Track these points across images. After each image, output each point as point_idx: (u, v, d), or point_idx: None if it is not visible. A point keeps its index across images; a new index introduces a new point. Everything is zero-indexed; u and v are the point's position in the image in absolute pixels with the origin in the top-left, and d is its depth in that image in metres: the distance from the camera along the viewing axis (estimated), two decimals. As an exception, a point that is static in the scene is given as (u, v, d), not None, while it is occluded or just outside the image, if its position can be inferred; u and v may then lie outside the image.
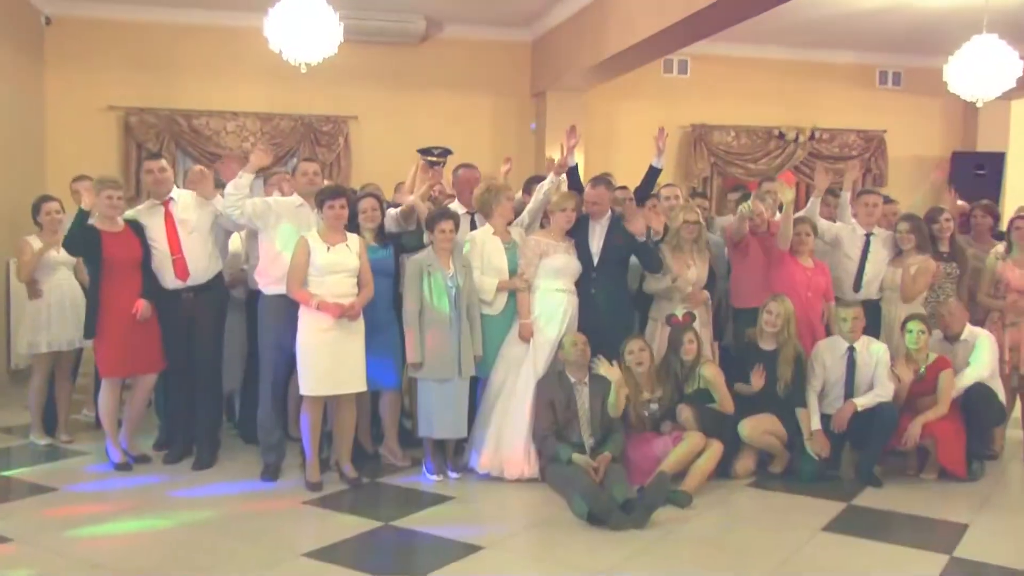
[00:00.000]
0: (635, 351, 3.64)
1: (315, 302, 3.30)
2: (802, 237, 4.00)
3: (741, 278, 4.15)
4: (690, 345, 3.66)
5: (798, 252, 4.01)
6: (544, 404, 3.53)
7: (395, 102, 6.81)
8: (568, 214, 3.75)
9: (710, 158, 7.40)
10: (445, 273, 3.56)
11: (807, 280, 3.99)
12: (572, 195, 3.84)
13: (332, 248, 3.38)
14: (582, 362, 3.57)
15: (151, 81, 6.35)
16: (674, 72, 7.42)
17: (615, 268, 3.83)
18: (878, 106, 7.68)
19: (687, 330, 3.69)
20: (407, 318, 3.51)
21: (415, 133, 6.28)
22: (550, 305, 3.69)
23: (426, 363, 3.50)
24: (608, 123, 7.30)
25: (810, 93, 7.55)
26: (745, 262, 4.12)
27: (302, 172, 3.68)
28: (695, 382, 3.67)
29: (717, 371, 3.69)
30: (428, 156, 4.10)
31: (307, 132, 6.61)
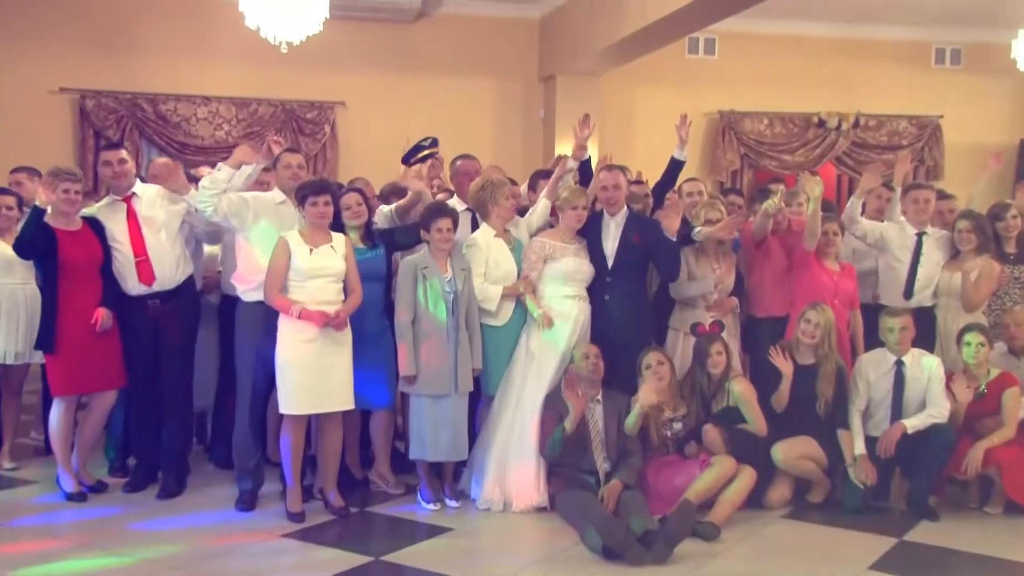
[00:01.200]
0: (654, 364, 3.67)
1: (296, 310, 3.34)
2: (829, 237, 4.02)
3: (761, 283, 4.19)
4: (718, 357, 3.69)
5: (824, 254, 4.04)
6: (553, 418, 3.56)
7: (387, 87, 6.90)
8: (579, 212, 3.79)
9: (740, 149, 7.46)
10: (442, 277, 3.59)
11: (833, 285, 4.01)
12: (584, 191, 3.90)
13: (315, 250, 3.42)
14: (595, 377, 3.60)
15: (110, 60, 6.35)
16: (699, 52, 7.49)
17: (632, 271, 3.88)
18: (933, 88, 7.67)
19: (715, 341, 3.72)
20: (399, 327, 3.56)
21: (409, 121, 6.37)
22: (558, 315, 3.73)
23: (420, 377, 3.54)
24: (625, 111, 7.37)
25: (854, 74, 7.57)
26: (765, 265, 4.16)
27: (284, 164, 3.72)
28: (724, 399, 3.71)
29: (749, 387, 3.72)
30: (419, 154, 4.12)
31: (289, 120, 6.70)
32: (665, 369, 3.66)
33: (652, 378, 3.61)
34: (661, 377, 3.63)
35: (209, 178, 3.54)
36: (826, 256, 4.04)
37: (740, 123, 7.45)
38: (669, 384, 3.67)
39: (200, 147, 6.50)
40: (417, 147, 4.16)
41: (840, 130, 7.51)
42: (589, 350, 3.64)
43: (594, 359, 3.60)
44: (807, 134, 7.55)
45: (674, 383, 3.72)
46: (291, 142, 6.50)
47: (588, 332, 3.80)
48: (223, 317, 4.11)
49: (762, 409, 3.69)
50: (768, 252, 4.14)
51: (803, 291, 3.96)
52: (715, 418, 3.69)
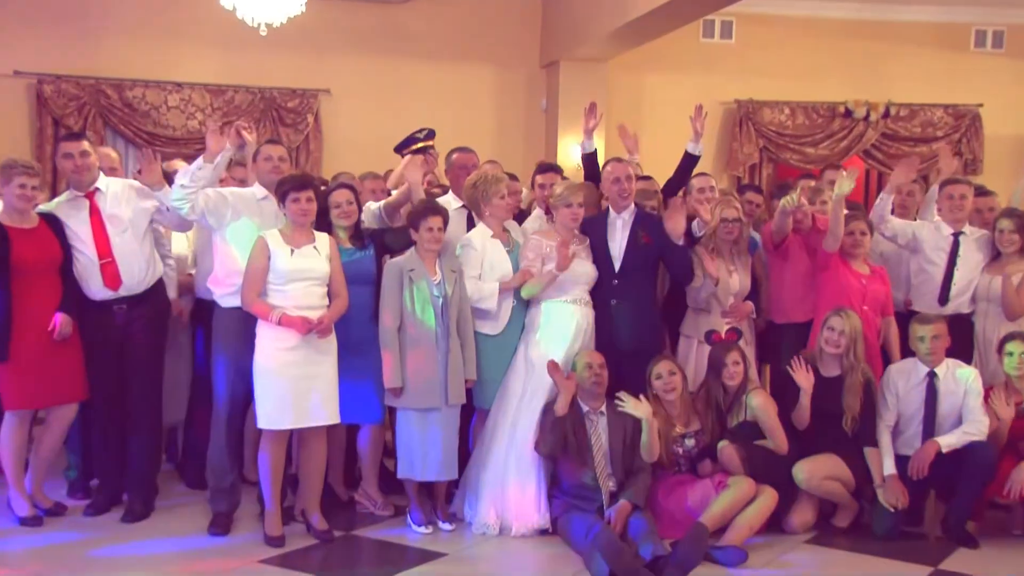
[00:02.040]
0: (664, 375, 3.70)
1: (276, 316, 3.36)
2: (856, 237, 4.04)
3: (781, 287, 4.22)
4: (735, 368, 3.72)
5: (851, 255, 4.07)
6: (552, 422, 3.58)
7: (376, 73, 6.91)
8: (574, 211, 3.80)
9: (759, 141, 7.46)
10: (430, 280, 3.62)
11: (862, 289, 4.03)
12: (580, 186, 3.92)
13: (297, 250, 3.45)
14: (598, 389, 3.64)
15: (71, 42, 6.32)
16: (715, 36, 7.50)
17: (640, 274, 3.92)
18: (972, 74, 7.61)
19: (731, 349, 3.75)
20: (383, 335, 3.58)
21: (400, 111, 6.39)
22: (559, 320, 3.77)
23: (407, 389, 3.57)
24: (634, 100, 7.38)
25: (884, 59, 7.54)
26: (786, 267, 4.19)
27: (265, 157, 3.74)
28: (740, 413, 3.73)
29: (768, 400, 3.74)
30: (413, 146, 4.15)
31: (268, 109, 6.70)
32: (676, 380, 3.69)
33: (660, 391, 3.62)
34: (672, 388, 3.65)
35: (186, 174, 3.54)
36: (854, 257, 4.07)
37: (759, 113, 7.45)
38: (681, 397, 3.70)
39: (171, 138, 6.50)
40: (411, 138, 4.18)
41: (869, 120, 7.46)
42: (592, 359, 3.66)
43: (598, 369, 3.63)
44: (832, 125, 7.53)
45: (686, 396, 3.75)
46: (271, 133, 6.51)
47: (592, 340, 3.83)
48: (196, 324, 4.16)
49: (783, 424, 3.72)
50: (788, 253, 4.17)
51: (827, 296, 3.99)
52: (731, 434, 3.72)
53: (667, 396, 3.68)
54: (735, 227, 3.99)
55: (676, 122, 7.25)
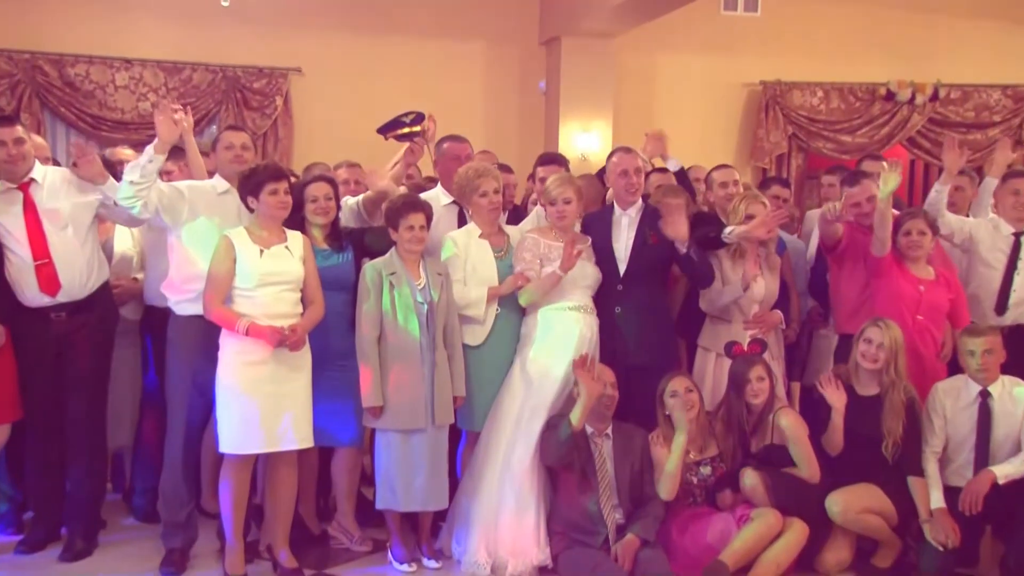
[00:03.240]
0: (680, 392, 3.72)
1: (243, 325, 3.38)
2: (913, 237, 4.04)
3: (837, 294, 4.25)
4: (759, 384, 3.75)
5: (908, 258, 4.09)
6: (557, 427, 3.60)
7: (353, 51, 6.95)
8: (559, 208, 3.81)
9: (787, 128, 7.53)
10: (413, 284, 3.65)
11: (917, 297, 4.04)
12: (571, 179, 3.95)
13: (267, 251, 3.48)
14: (607, 412, 3.68)
15: (2, 9, 6.30)
16: (738, 9, 7.56)
17: (649, 277, 3.96)
18: (1034, 50, 7.67)
19: (755, 363, 3.78)
20: (361, 346, 3.61)
21: (380, 93, 6.44)
22: (559, 330, 3.80)
23: (388, 408, 3.60)
24: (645, 81, 7.45)
25: (932, 35, 7.59)
26: (840, 272, 4.22)
27: (226, 145, 3.77)
28: (767, 435, 3.77)
29: (799, 421, 3.77)
30: (399, 130, 4.18)
31: (231, 89, 6.74)
32: (694, 398, 3.72)
33: (680, 403, 3.67)
34: (689, 407, 3.68)
35: (136, 168, 3.51)
36: (912, 261, 4.06)
37: (788, 96, 7.52)
38: (697, 418, 3.73)
39: (119, 122, 6.53)
40: (397, 121, 4.20)
41: (914, 104, 7.52)
42: (604, 372, 3.69)
43: (609, 389, 3.67)
44: (872, 109, 7.60)
45: (703, 418, 3.78)
46: (235, 118, 6.54)
47: (597, 351, 3.87)
48: (146, 334, 4.17)
49: (814, 450, 3.74)
50: (844, 257, 4.18)
51: (878, 305, 4.01)
52: (756, 459, 3.76)
53: (683, 414, 3.70)
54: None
55: (692, 107, 7.39)
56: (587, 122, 6.94)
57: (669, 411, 3.73)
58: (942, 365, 4.06)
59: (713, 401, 3.95)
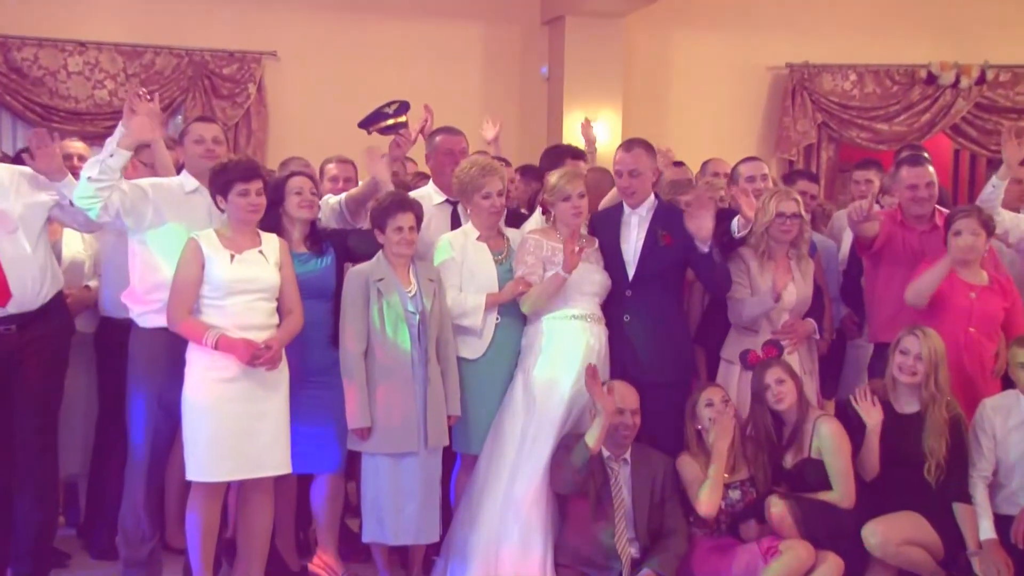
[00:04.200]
0: (716, 403, 3.74)
1: (212, 338, 3.39)
2: (965, 238, 4.00)
3: (873, 298, 4.25)
4: (780, 387, 3.74)
5: (959, 262, 4.06)
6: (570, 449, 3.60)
7: (335, 33, 6.94)
8: (574, 204, 3.82)
9: (816, 116, 7.51)
10: (403, 292, 3.66)
11: (968, 306, 4.03)
12: (579, 174, 3.97)
13: (239, 256, 3.48)
14: (624, 440, 3.68)
15: None
16: (763, -16, 7.56)
17: (660, 283, 3.95)
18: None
19: (771, 366, 3.78)
20: (346, 361, 3.62)
21: (365, 80, 6.45)
22: (564, 341, 3.81)
23: (376, 429, 3.60)
24: (657, 64, 7.44)
25: (979, 10, 7.52)
26: (878, 273, 4.22)
27: (195, 139, 3.77)
28: (803, 447, 3.74)
29: (841, 432, 3.75)
30: (382, 123, 4.18)
31: (198, 76, 6.72)
32: (730, 411, 3.74)
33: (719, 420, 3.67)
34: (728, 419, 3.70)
35: (96, 164, 3.51)
36: (963, 265, 4.05)
37: (817, 80, 7.50)
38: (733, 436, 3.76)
39: (72, 112, 6.51)
40: (379, 113, 4.21)
41: (958, 88, 7.47)
42: (625, 399, 3.66)
43: (629, 416, 3.66)
44: (911, 94, 7.57)
45: (736, 435, 3.80)
46: (203, 108, 6.52)
47: (607, 365, 3.88)
48: (103, 349, 4.16)
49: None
50: (883, 255, 4.18)
51: (924, 316, 3.99)
52: (788, 478, 3.75)
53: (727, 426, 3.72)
54: (794, 224, 3.99)
55: (711, 94, 7.38)
56: (594, 111, 6.91)
57: (702, 424, 3.74)
58: (996, 381, 4.04)
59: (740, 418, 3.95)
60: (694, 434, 3.79)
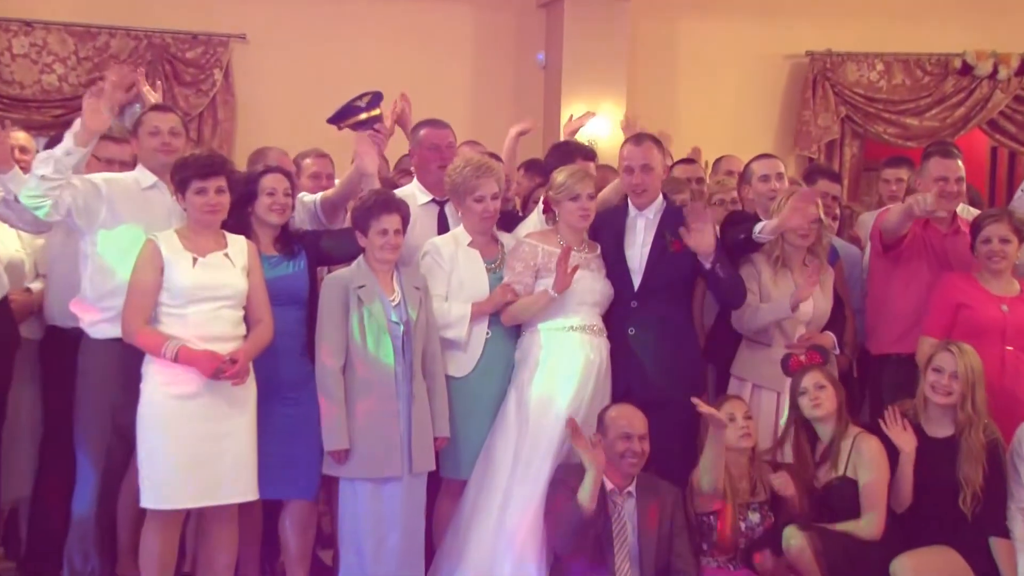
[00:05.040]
0: (738, 418, 3.76)
1: (171, 350, 3.39)
2: (994, 246, 4.05)
3: (886, 301, 4.27)
4: (819, 392, 3.76)
5: (991, 271, 4.10)
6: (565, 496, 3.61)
7: (311, 14, 6.93)
8: (583, 205, 3.85)
9: (840, 109, 7.53)
10: (386, 301, 3.67)
11: (1001, 320, 4.06)
12: (588, 172, 3.98)
13: (202, 259, 3.49)
14: (632, 470, 3.68)
15: None
16: (781, -38, 7.57)
17: (668, 293, 3.97)
18: None
19: (810, 370, 3.78)
20: (322, 377, 3.63)
21: (344, 66, 6.45)
22: (562, 355, 3.81)
23: (356, 452, 3.60)
24: (665, 53, 7.46)
25: None
26: (895, 275, 4.23)
27: (151, 130, 3.78)
28: (840, 464, 3.75)
29: (883, 453, 3.76)
30: (354, 118, 4.15)
31: (158, 60, 6.71)
32: (752, 427, 3.76)
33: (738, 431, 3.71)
34: (747, 435, 3.73)
35: (47, 162, 3.50)
36: (993, 275, 4.08)
37: (841, 70, 7.51)
38: (751, 456, 3.78)
39: (17, 99, 6.47)
40: (350, 107, 4.19)
41: (996, 79, 7.47)
42: (631, 423, 3.65)
43: (637, 442, 3.65)
44: (944, 86, 7.58)
45: (756, 455, 3.82)
46: (163, 95, 6.48)
47: (607, 382, 3.88)
48: (48, 361, 4.12)
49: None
50: (903, 258, 4.19)
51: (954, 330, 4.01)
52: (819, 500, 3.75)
53: (741, 444, 3.75)
54: (812, 229, 4.02)
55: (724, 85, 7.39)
56: (595, 102, 6.92)
57: None
58: None
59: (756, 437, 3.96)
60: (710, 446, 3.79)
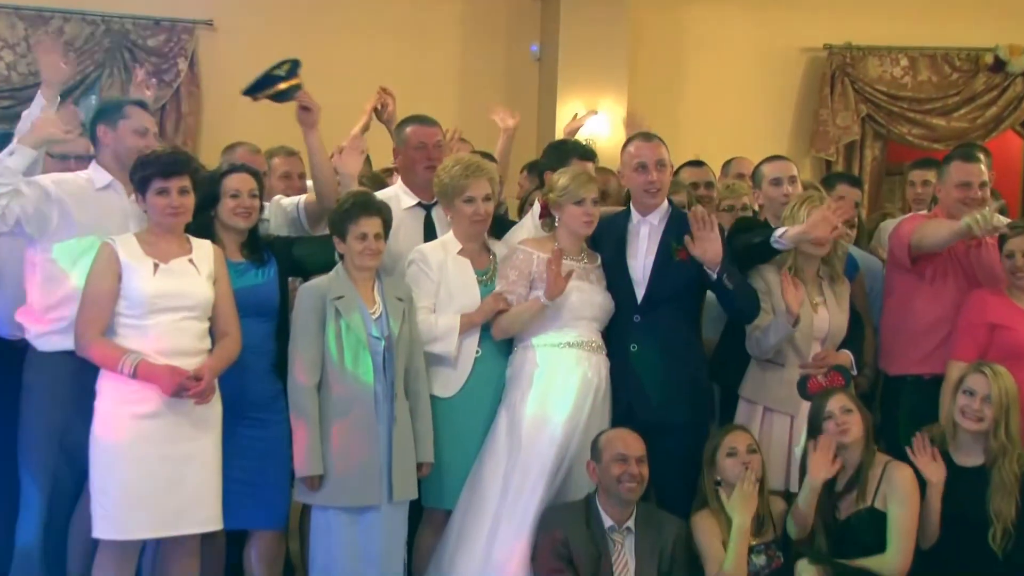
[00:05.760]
0: (741, 451, 3.74)
1: (130, 364, 3.37)
2: (1018, 261, 4.07)
3: (907, 317, 4.27)
4: (846, 416, 3.73)
5: (1019, 287, 4.11)
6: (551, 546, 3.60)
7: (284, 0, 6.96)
8: (587, 210, 3.87)
9: (860, 108, 7.54)
10: (366, 313, 3.67)
11: None
12: (591, 176, 3.98)
13: (164, 266, 3.48)
14: (630, 496, 3.67)
15: None
16: (796, -53, 7.57)
17: (674, 307, 3.96)
18: None
19: (835, 392, 3.77)
20: (295, 396, 3.63)
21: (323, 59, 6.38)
22: (555, 374, 3.81)
23: (330, 478, 3.59)
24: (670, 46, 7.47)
25: None
26: (919, 291, 4.23)
27: (137, 129, 3.77)
28: (865, 495, 3.73)
29: (915, 483, 3.74)
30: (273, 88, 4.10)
31: (118, 48, 6.71)
32: (757, 462, 3.75)
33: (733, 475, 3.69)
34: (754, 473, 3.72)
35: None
36: (1021, 291, 4.12)
37: (862, 65, 7.52)
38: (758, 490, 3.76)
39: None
40: (267, 77, 4.15)
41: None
42: (628, 445, 3.65)
43: (635, 465, 3.64)
44: (974, 83, 7.59)
45: (765, 488, 3.81)
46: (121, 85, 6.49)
47: (607, 403, 3.88)
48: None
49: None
50: (927, 273, 4.20)
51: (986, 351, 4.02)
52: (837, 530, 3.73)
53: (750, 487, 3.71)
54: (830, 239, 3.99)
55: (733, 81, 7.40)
56: (594, 98, 6.93)
57: (723, 477, 3.75)
58: None
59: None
60: (712, 488, 3.79)
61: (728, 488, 3.76)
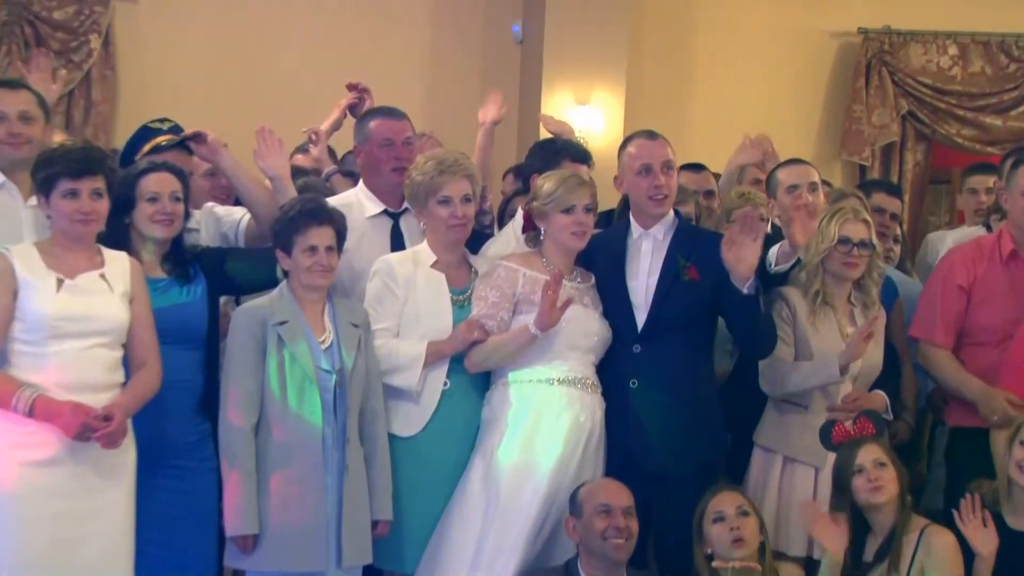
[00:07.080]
0: (729, 515, 3.73)
1: (25, 401, 3.35)
2: None
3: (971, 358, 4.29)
4: (879, 471, 3.72)
5: None
6: None
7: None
8: (579, 218, 3.89)
9: (900, 104, 7.60)
10: (314, 341, 3.68)
11: None
12: (586, 182, 4.00)
13: (70, 282, 3.48)
14: (619, 555, 3.67)
15: None
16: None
17: (682, 335, 3.97)
18: None
19: (865, 443, 3.75)
20: (228, 440, 3.65)
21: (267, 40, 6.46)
22: (541, 416, 3.81)
23: (267, 539, 3.59)
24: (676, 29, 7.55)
25: None
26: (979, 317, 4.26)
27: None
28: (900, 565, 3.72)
29: (958, 550, 3.73)
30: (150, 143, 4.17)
31: (16, 22, 6.76)
32: (749, 527, 3.73)
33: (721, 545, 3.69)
34: (738, 540, 3.70)
35: None
36: None
37: (902, 53, 7.60)
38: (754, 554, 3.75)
39: None
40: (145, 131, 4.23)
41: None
42: (613, 496, 3.66)
43: (620, 517, 3.64)
44: (1034, 76, 7.70)
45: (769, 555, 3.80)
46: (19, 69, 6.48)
47: (601, 450, 3.88)
48: None
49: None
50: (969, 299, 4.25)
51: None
52: None
53: (733, 553, 3.71)
54: (862, 256, 4.03)
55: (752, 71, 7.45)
56: (585, 88, 6.96)
57: (713, 549, 3.74)
58: None
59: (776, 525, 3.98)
60: (703, 561, 3.77)
61: (721, 561, 3.73)
